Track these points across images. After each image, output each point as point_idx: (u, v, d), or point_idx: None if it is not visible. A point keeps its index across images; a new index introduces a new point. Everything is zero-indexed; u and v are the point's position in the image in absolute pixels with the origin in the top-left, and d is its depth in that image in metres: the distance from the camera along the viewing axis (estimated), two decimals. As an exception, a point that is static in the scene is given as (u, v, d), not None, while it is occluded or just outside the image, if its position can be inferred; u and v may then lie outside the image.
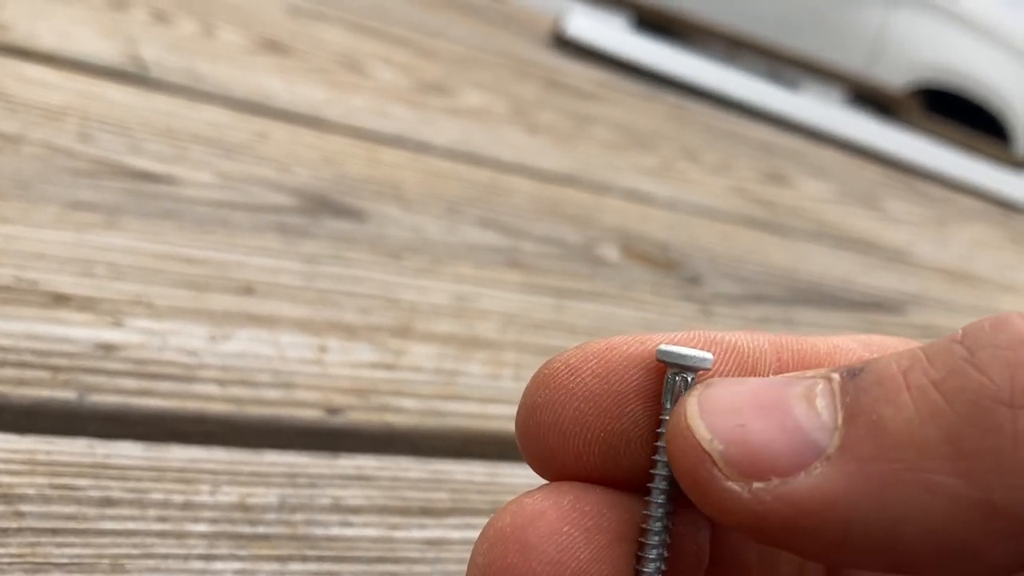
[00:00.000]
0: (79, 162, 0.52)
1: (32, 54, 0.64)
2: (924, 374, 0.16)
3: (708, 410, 0.17)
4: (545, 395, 0.19)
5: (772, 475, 0.16)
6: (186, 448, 0.35)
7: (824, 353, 0.20)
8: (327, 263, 0.51)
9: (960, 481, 0.15)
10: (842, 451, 0.16)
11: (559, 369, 0.19)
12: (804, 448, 0.16)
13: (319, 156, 0.65)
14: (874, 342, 0.20)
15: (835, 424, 0.16)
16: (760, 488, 0.16)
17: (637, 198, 0.85)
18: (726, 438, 0.17)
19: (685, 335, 0.19)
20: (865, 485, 0.15)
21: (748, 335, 0.20)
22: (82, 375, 0.36)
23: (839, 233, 1.02)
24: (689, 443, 0.17)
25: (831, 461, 0.16)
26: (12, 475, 0.31)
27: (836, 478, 0.15)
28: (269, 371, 0.41)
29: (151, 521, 0.32)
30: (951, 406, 0.15)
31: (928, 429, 0.15)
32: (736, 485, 0.16)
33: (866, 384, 0.16)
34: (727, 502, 0.16)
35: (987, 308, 0.93)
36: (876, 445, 0.15)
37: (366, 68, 0.93)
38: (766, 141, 1.41)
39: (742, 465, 0.16)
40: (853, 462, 0.15)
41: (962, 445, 0.15)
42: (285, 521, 0.33)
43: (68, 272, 0.42)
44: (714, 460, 0.16)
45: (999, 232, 1.42)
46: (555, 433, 0.19)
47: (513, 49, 1.38)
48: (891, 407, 0.16)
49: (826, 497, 0.15)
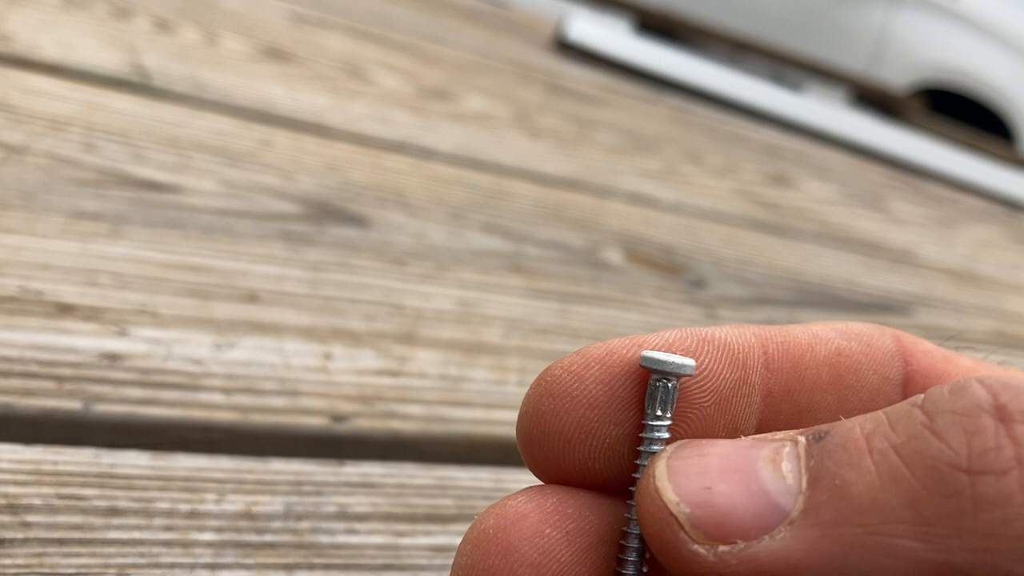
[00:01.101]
0: (83, 172, 0.52)
1: (36, 65, 0.64)
2: (886, 438, 0.16)
3: (676, 472, 0.17)
4: (549, 403, 0.19)
5: (737, 538, 0.16)
6: (192, 457, 0.35)
7: (805, 343, 0.20)
8: (331, 270, 0.51)
9: (922, 545, 0.15)
10: (805, 515, 0.16)
11: (561, 376, 0.19)
12: (769, 512, 0.16)
13: (323, 163, 0.66)
14: (851, 329, 0.21)
15: (799, 488, 0.16)
16: (725, 551, 0.16)
17: (641, 201, 0.85)
18: (692, 501, 0.17)
19: (677, 334, 0.20)
20: (828, 549, 0.15)
21: (736, 330, 0.20)
22: (88, 385, 0.37)
23: (844, 235, 1.02)
24: (656, 506, 0.17)
25: (795, 525, 0.16)
26: (18, 485, 0.31)
27: (799, 542, 0.16)
28: (274, 379, 0.41)
29: (157, 530, 0.32)
30: (911, 471, 0.15)
31: (890, 494, 0.15)
32: (702, 548, 0.16)
33: (830, 448, 0.16)
34: (693, 564, 0.17)
35: (994, 308, 0.93)
36: (839, 509, 0.16)
37: (369, 75, 0.93)
38: (769, 143, 1.41)
39: (707, 528, 0.16)
40: (816, 526, 0.16)
41: (922, 510, 0.15)
42: (291, 529, 0.34)
43: (73, 282, 0.42)
44: (680, 523, 0.17)
45: (1004, 232, 1.42)
46: (560, 441, 0.19)
47: (515, 54, 1.38)
48: (854, 471, 0.16)
49: (789, 560, 0.16)
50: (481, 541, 0.18)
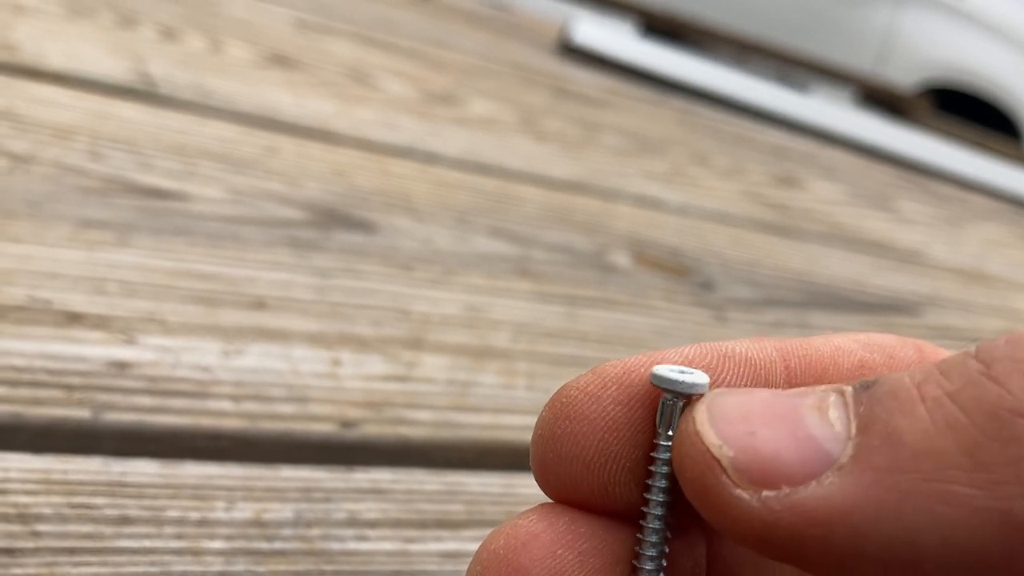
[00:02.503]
0: (90, 180, 0.52)
1: (42, 74, 0.64)
2: (939, 386, 0.15)
3: (718, 417, 0.17)
4: (566, 426, 0.18)
5: (783, 484, 0.16)
6: (201, 465, 0.35)
7: (828, 356, 0.20)
8: (338, 276, 0.51)
9: (980, 492, 0.14)
10: (856, 461, 0.15)
11: (578, 398, 0.19)
12: (816, 457, 0.16)
13: (329, 169, 0.66)
14: (873, 341, 0.20)
15: (848, 435, 0.16)
16: (770, 496, 0.16)
17: (647, 204, 0.85)
18: (736, 445, 0.16)
19: (696, 349, 0.19)
20: (880, 495, 0.15)
21: (755, 344, 0.19)
22: (96, 393, 0.37)
23: (852, 235, 1.02)
24: (698, 449, 0.16)
25: (844, 471, 0.15)
26: (29, 495, 0.31)
27: (850, 488, 0.15)
28: (282, 386, 0.41)
29: (168, 539, 0.32)
30: (968, 417, 0.15)
31: (945, 440, 0.15)
32: (745, 493, 0.16)
33: (880, 396, 0.16)
34: (736, 510, 0.16)
35: (1003, 308, 0.93)
36: (891, 456, 0.15)
37: (374, 80, 0.93)
38: (776, 144, 1.41)
39: (752, 472, 0.16)
40: (867, 472, 0.15)
41: (981, 456, 0.14)
42: (301, 536, 0.33)
43: (81, 290, 0.42)
44: (723, 467, 0.16)
45: (1013, 231, 1.41)
46: (579, 465, 0.18)
47: (520, 58, 1.38)
48: (906, 419, 0.15)
49: (839, 507, 0.15)
50: (492, 562, 0.18)
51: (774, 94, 1.70)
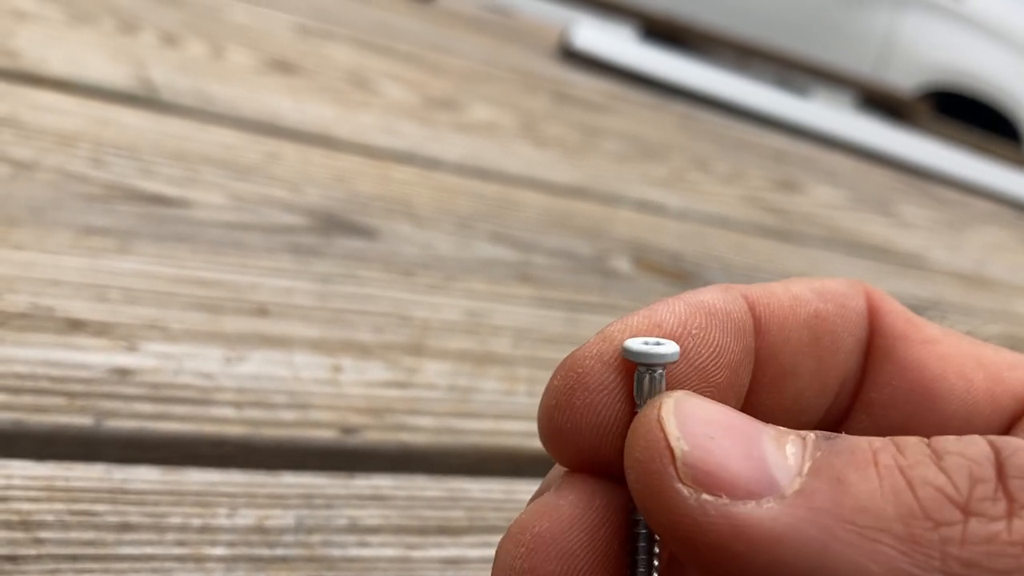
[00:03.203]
0: (92, 187, 0.52)
1: (44, 81, 0.64)
2: (893, 458, 0.16)
3: (683, 414, 0.17)
4: (584, 397, 0.19)
5: (724, 493, 0.16)
6: (203, 471, 0.35)
7: (788, 306, 0.20)
8: (340, 282, 0.51)
9: (905, 559, 0.15)
10: (799, 496, 0.16)
11: (594, 367, 0.19)
12: (763, 480, 0.16)
13: (330, 175, 0.66)
14: (827, 288, 0.21)
15: (799, 471, 0.16)
16: (708, 500, 0.16)
17: (648, 209, 0.85)
18: (693, 442, 0.17)
19: (686, 309, 0.20)
20: (812, 533, 0.15)
21: (728, 295, 0.20)
22: (99, 400, 0.37)
23: (853, 240, 1.02)
24: (655, 435, 0.17)
25: (785, 501, 0.16)
26: (31, 502, 0.32)
27: (785, 518, 0.16)
28: (284, 392, 0.41)
29: (169, 545, 0.32)
30: (913, 492, 0.16)
31: (887, 504, 0.15)
32: (686, 489, 0.16)
33: (838, 449, 0.16)
34: (671, 502, 0.16)
35: (1004, 312, 0.93)
36: (834, 501, 0.16)
37: (375, 86, 0.93)
38: (777, 149, 1.41)
39: (699, 472, 0.16)
40: (807, 509, 0.16)
41: (915, 529, 0.15)
42: (303, 543, 0.34)
43: (83, 298, 0.42)
44: (674, 457, 0.16)
45: (1014, 234, 1.42)
46: (598, 434, 0.19)
47: (521, 63, 1.38)
48: (857, 474, 0.16)
49: (770, 531, 0.16)
50: (538, 546, 0.18)
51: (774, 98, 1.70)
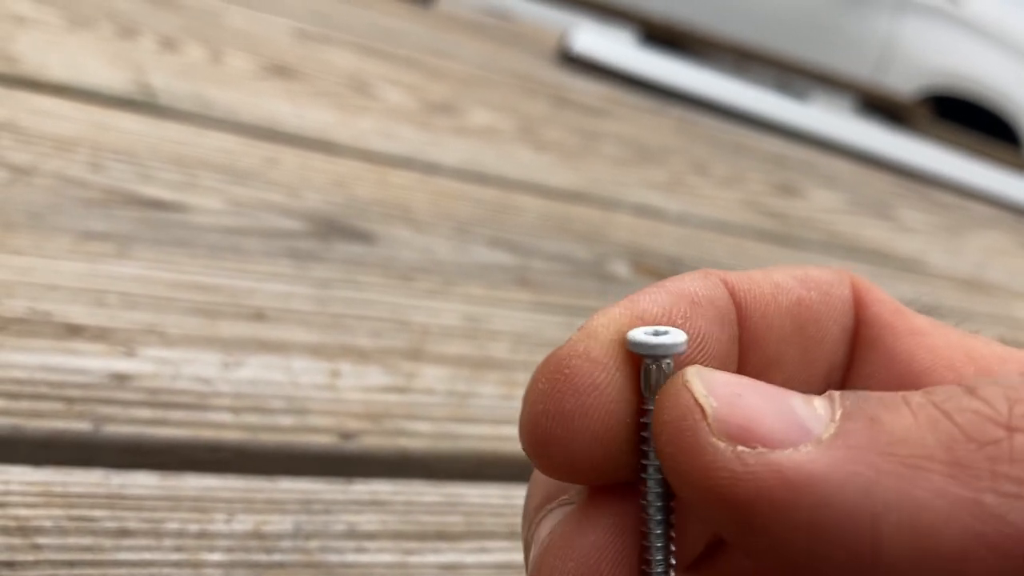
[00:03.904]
0: (91, 192, 0.52)
1: (43, 86, 0.64)
2: (925, 396, 0.16)
3: (707, 377, 0.17)
4: (575, 401, 0.18)
5: (759, 444, 0.16)
6: (201, 477, 0.35)
7: (769, 294, 0.20)
8: (338, 287, 0.51)
9: (954, 481, 0.15)
10: (835, 438, 0.15)
11: (582, 367, 0.18)
12: (796, 430, 0.16)
13: (329, 180, 0.66)
14: (810, 277, 0.21)
15: (831, 418, 0.16)
16: (745, 452, 0.15)
17: (647, 213, 0.85)
18: (722, 399, 0.16)
19: (668, 298, 0.19)
20: (855, 469, 0.15)
21: (709, 282, 0.19)
22: (97, 406, 0.37)
23: (852, 244, 1.02)
24: (684, 395, 0.16)
25: (822, 444, 0.15)
26: (29, 508, 0.32)
27: (825, 458, 0.15)
28: (282, 397, 0.41)
29: (167, 551, 0.32)
30: (950, 420, 0.15)
31: (926, 434, 0.15)
32: (721, 443, 0.16)
33: (867, 396, 0.16)
34: (707, 457, 0.16)
35: (1004, 316, 0.93)
36: (872, 437, 0.15)
37: (374, 90, 0.93)
38: (776, 153, 1.41)
39: (731, 426, 0.16)
40: (845, 448, 0.15)
41: (959, 452, 0.15)
42: (300, 548, 0.34)
43: (81, 303, 0.42)
44: (705, 413, 0.16)
45: (1013, 239, 1.42)
46: (588, 438, 0.18)
47: (520, 67, 1.38)
48: (891, 413, 0.16)
49: (812, 473, 0.15)
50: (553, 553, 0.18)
51: (773, 102, 1.70)
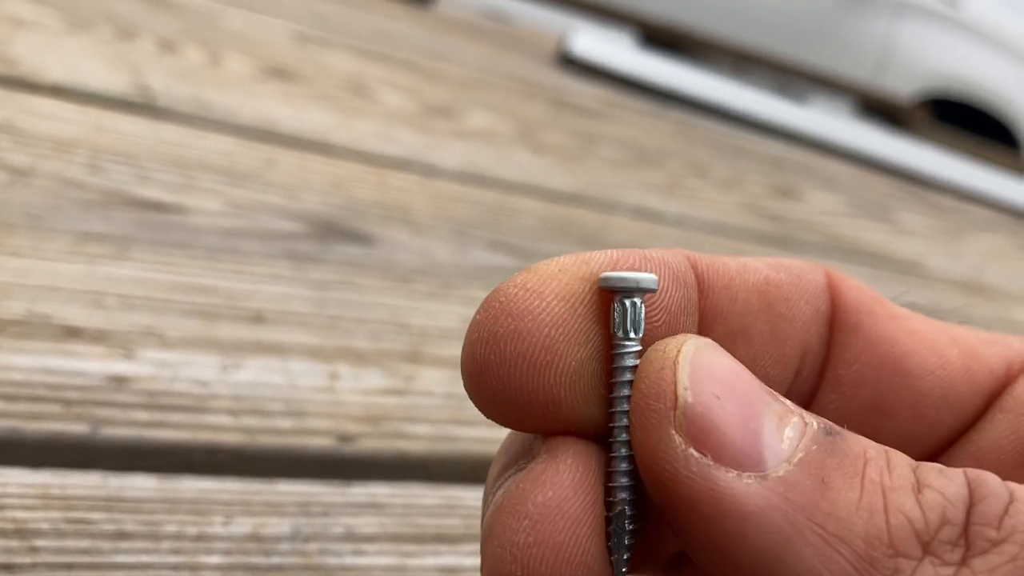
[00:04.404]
0: (89, 194, 0.52)
1: (41, 87, 0.64)
2: (880, 475, 0.16)
3: (700, 363, 0.17)
4: (508, 324, 0.18)
5: (710, 455, 0.16)
6: (199, 479, 0.35)
7: (734, 270, 0.20)
8: (337, 289, 0.51)
9: (856, 575, 0.16)
10: (780, 483, 0.16)
11: (519, 295, 0.18)
12: (752, 454, 0.16)
13: (327, 182, 0.66)
14: (781, 263, 0.21)
15: (789, 458, 0.16)
16: (694, 456, 0.16)
17: (645, 216, 0.85)
18: (698, 398, 0.17)
19: (619, 253, 0.19)
20: (779, 522, 0.16)
21: (667, 251, 0.20)
22: (95, 408, 0.37)
23: (851, 246, 1.02)
24: (666, 376, 0.17)
25: (765, 483, 0.16)
26: (26, 510, 0.31)
27: (759, 499, 0.16)
28: (280, 400, 0.41)
29: (165, 554, 0.32)
30: (886, 514, 0.16)
31: (860, 520, 0.16)
32: (677, 437, 0.16)
33: (833, 449, 0.17)
34: (660, 445, 0.16)
35: (1002, 319, 0.93)
36: (811, 502, 0.16)
37: (372, 93, 0.93)
38: (775, 155, 1.41)
39: (693, 427, 0.16)
40: (783, 498, 0.16)
41: (875, 551, 0.16)
42: (299, 551, 0.33)
43: (79, 304, 0.42)
44: (676, 403, 0.17)
45: (1011, 241, 1.42)
46: (523, 365, 0.18)
47: (518, 70, 1.38)
48: (843, 481, 0.16)
49: (741, 506, 0.16)
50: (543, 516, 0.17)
51: (772, 105, 1.70)
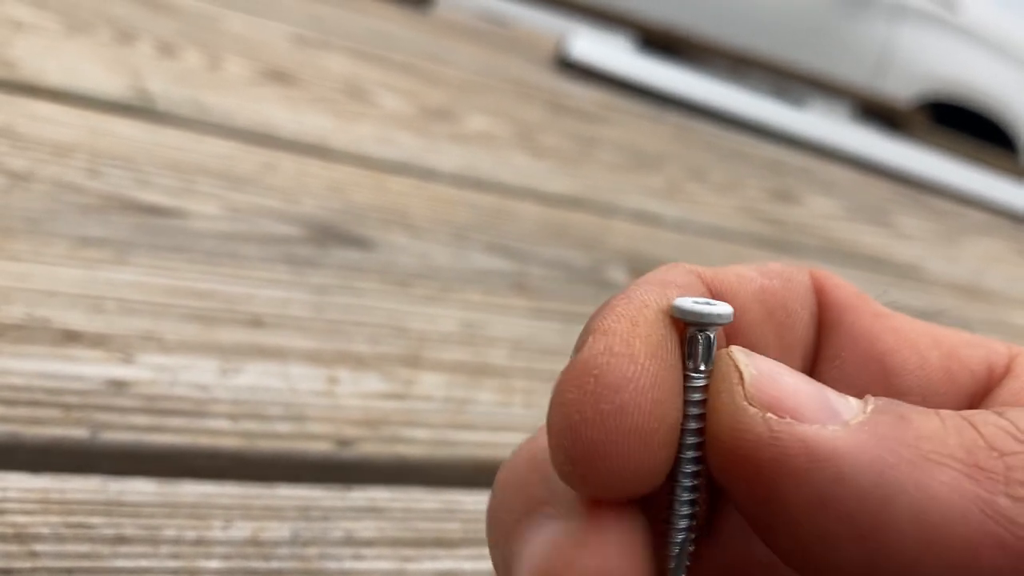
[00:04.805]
0: (88, 198, 0.52)
1: (40, 91, 0.64)
2: (954, 411, 0.17)
3: (751, 354, 0.17)
4: (613, 399, 0.16)
5: (789, 416, 0.16)
6: (198, 484, 0.35)
7: (734, 281, 0.20)
8: (336, 293, 0.51)
9: (969, 480, 0.15)
10: (863, 424, 0.16)
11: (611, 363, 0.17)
12: (827, 410, 0.16)
13: (326, 185, 0.66)
14: (770, 269, 0.21)
15: (863, 410, 0.16)
16: (773, 419, 0.16)
17: (644, 219, 0.85)
18: (762, 371, 0.17)
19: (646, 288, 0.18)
20: (876, 453, 0.16)
21: (683, 272, 0.20)
22: (94, 412, 0.37)
23: (849, 250, 1.02)
24: (724, 361, 0.17)
25: (850, 427, 0.16)
26: (26, 515, 0.31)
27: (849, 439, 0.16)
28: (280, 404, 0.41)
29: (164, 558, 0.32)
30: (975, 428, 0.16)
31: (950, 436, 0.16)
32: (752, 408, 0.16)
33: (899, 402, 0.17)
34: (736, 418, 0.16)
35: (1001, 323, 0.93)
36: (898, 429, 0.16)
37: (371, 96, 0.93)
38: (773, 159, 1.41)
39: (765, 394, 0.16)
40: (871, 434, 0.16)
41: (978, 456, 0.16)
42: (298, 555, 0.33)
43: (79, 309, 0.42)
44: (742, 377, 0.17)
45: (1009, 245, 1.42)
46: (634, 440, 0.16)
47: (517, 73, 1.38)
48: (920, 415, 0.16)
49: (835, 448, 0.16)
50: None
51: (771, 108, 1.71)
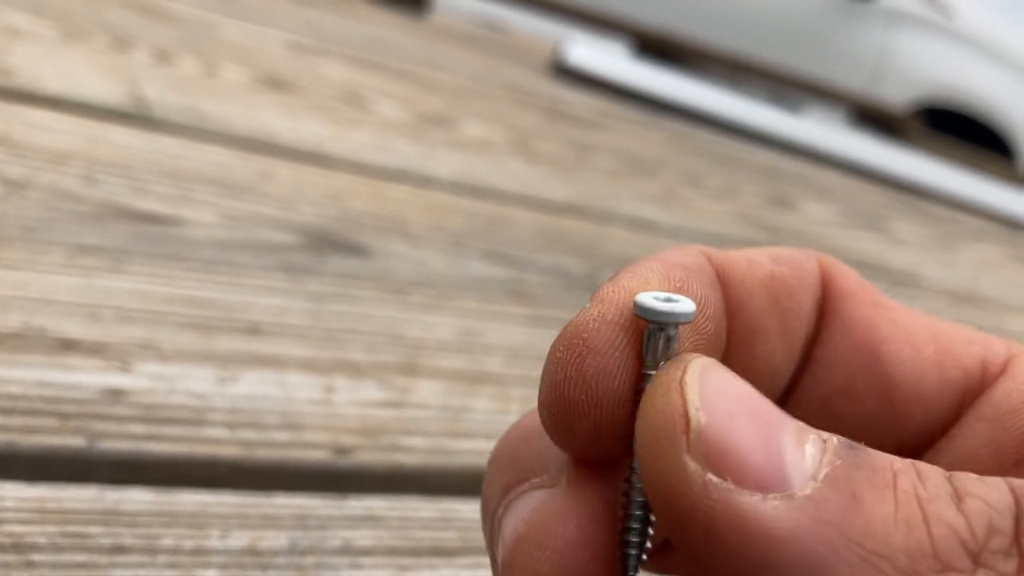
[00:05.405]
0: (85, 206, 0.52)
1: (37, 98, 0.64)
2: (913, 485, 0.15)
3: (709, 383, 0.16)
4: (596, 362, 0.17)
5: (731, 478, 0.15)
6: (196, 493, 0.35)
7: (745, 268, 0.20)
8: (333, 301, 0.51)
9: None
10: (809, 501, 0.15)
11: (602, 329, 0.17)
12: (775, 474, 0.15)
13: (323, 193, 0.66)
14: (780, 255, 0.21)
15: (814, 475, 0.15)
16: (713, 481, 0.15)
17: (640, 226, 0.86)
18: (712, 415, 0.15)
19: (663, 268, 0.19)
20: (813, 545, 0.15)
21: (693, 254, 0.20)
22: (91, 421, 0.37)
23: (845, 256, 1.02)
24: (674, 399, 0.16)
25: (793, 503, 0.15)
26: (23, 524, 0.31)
27: (789, 521, 0.15)
28: (277, 412, 0.41)
29: (162, 568, 0.32)
30: (927, 527, 0.15)
31: (898, 533, 0.15)
32: (692, 463, 0.15)
33: (859, 462, 0.16)
34: (675, 473, 0.15)
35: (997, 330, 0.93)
36: (845, 515, 0.15)
37: (368, 103, 0.93)
38: (769, 165, 1.42)
39: (710, 450, 0.15)
40: (814, 519, 0.15)
41: (920, 566, 0.15)
42: (296, 565, 0.33)
43: (75, 317, 0.42)
44: (689, 427, 0.15)
45: (1005, 251, 1.42)
46: (613, 403, 0.17)
47: (513, 80, 1.39)
48: (874, 495, 0.15)
49: (770, 530, 0.15)
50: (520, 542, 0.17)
51: (767, 114, 1.71)
